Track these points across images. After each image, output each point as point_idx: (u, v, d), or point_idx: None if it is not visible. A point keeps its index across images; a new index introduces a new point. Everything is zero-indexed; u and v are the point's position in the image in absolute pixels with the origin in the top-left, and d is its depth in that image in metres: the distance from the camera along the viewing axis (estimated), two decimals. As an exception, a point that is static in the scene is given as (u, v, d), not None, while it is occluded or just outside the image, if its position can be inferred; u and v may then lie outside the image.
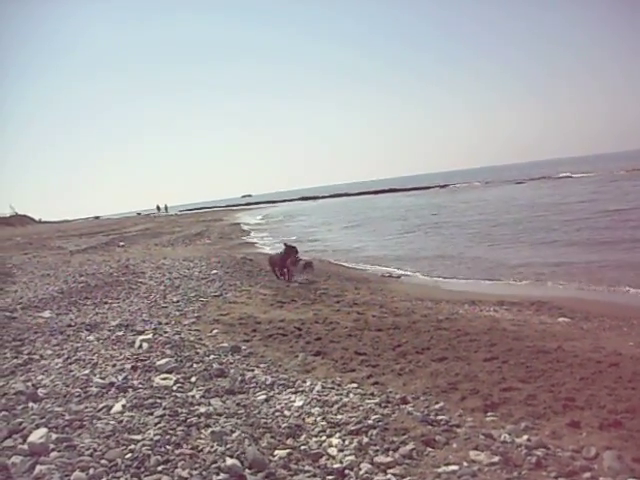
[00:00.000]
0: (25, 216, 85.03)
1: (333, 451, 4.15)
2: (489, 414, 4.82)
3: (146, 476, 3.59)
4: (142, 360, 6.25)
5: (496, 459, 3.90)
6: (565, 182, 60.83)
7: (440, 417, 4.72)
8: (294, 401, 5.19)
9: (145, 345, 6.87)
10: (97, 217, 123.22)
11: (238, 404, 5.07)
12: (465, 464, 3.87)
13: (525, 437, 4.25)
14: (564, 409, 4.84)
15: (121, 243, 27.76)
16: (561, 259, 15.89)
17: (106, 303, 10.47)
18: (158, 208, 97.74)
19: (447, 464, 3.89)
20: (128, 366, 6.01)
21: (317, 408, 4.99)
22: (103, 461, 3.72)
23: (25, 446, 3.85)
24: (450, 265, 17.03)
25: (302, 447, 4.21)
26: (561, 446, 4.14)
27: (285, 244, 13.81)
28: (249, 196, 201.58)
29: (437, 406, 5.00)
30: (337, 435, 4.41)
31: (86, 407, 4.78)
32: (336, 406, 5.01)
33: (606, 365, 6.07)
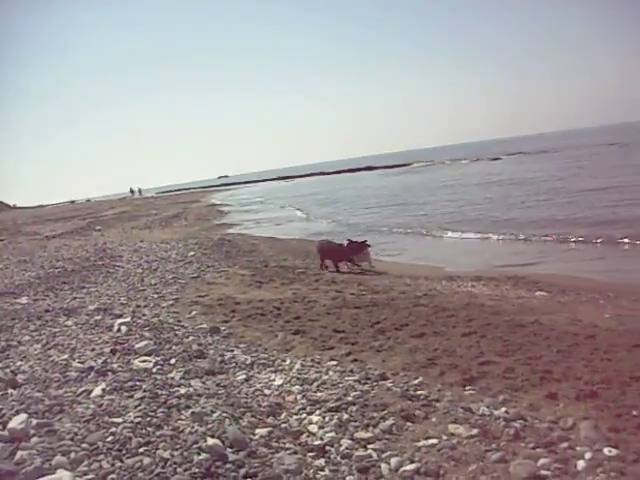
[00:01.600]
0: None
1: (313, 428, 4.19)
2: (468, 388, 4.86)
3: (128, 458, 3.59)
4: (121, 343, 6.24)
5: (475, 432, 3.95)
6: (539, 158, 61.29)
7: (419, 392, 4.77)
8: (274, 380, 5.22)
9: (124, 328, 6.85)
10: (73, 202, 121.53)
11: (218, 384, 5.09)
12: (444, 437, 3.92)
13: (503, 409, 4.30)
14: (541, 381, 4.89)
15: (97, 227, 27.54)
16: (537, 233, 16.00)
17: (84, 288, 10.40)
18: (132, 191, 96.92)
19: (426, 438, 3.94)
20: (107, 350, 6.00)
21: (297, 386, 5.02)
22: (84, 445, 3.72)
23: (5, 432, 3.83)
24: (427, 242, 17.13)
25: (283, 425, 4.25)
26: (539, 417, 4.19)
27: (349, 240, 12.75)
28: (226, 177, 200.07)
29: (416, 381, 5.03)
30: (317, 412, 4.45)
31: (66, 392, 4.77)
32: (316, 384, 5.04)
33: (583, 337, 6.13)
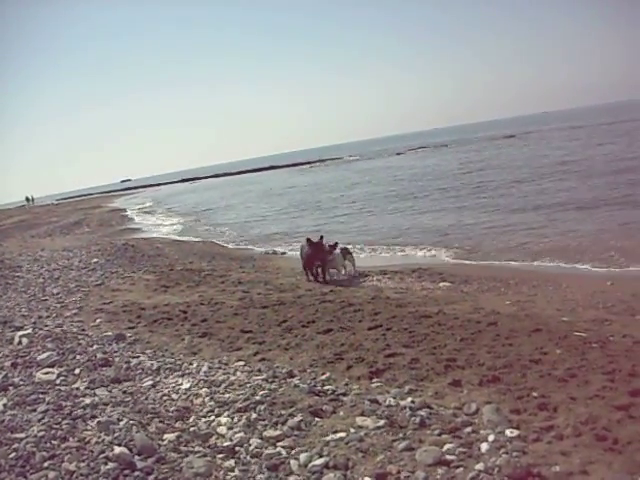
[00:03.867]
0: None
1: (222, 430, 4.14)
2: (374, 380, 4.91)
3: (32, 474, 3.48)
4: (22, 356, 5.99)
5: (382, 423, 3.99)
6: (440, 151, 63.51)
7: (327, 387, 4.78)
8: (181, 384, 5.13)
9: (25, 340, 6.58)
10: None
11: (124, 392, 4.96)
12: (352, 430, 3.93)
13: (409, 399, 4.36)
14: (446, 370, 5.00)
15: (-6, 237, 26.43)
16: (439, 226, 16.39)
17: (-19, 302, 9.89)
18: (27, 199, 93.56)
19: (335, 432, 3.94)
20: (7, 364, 5.74)
21: (205, 389, 4.94)
22: (-15, 464, 3.59)
23: None
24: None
25: (191, 429, 4.18)
26: (444, 405, 4.28)
27: (308, 239, 11.05)
28: (128, 180, 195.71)
29: (323, 377, 5.06)
30: (226, 414, 4.40)
31: (-35, 411, 4.55)
32: (223, 385, 4.99)
33: (485, 325, 6.34)
